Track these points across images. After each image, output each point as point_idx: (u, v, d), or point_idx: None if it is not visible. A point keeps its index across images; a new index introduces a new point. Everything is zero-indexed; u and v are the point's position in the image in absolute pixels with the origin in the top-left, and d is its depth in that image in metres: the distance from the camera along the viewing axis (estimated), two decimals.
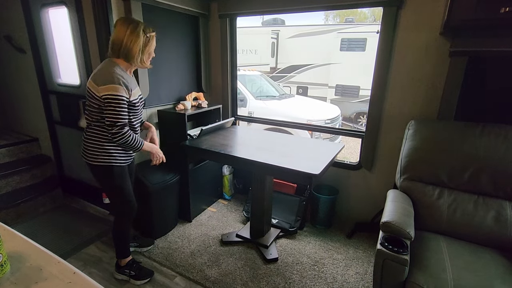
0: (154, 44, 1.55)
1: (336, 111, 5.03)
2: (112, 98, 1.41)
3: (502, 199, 1.60)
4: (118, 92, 1.41)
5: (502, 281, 1.27)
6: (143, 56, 1.51)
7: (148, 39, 1.50)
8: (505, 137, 1.60)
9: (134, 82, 1.59)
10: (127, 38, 1.44)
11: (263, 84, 5.48)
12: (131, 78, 1.57)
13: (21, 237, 0.91)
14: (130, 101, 1.50)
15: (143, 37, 1.47)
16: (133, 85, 1.54)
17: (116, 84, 1.41)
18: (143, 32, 1.47)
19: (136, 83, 1.63)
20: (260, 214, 2.15)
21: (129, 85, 1.48)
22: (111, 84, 1.40)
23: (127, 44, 1.45)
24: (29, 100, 2.80)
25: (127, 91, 1.46)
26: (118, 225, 1.76)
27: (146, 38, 1.48)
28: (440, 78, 1.88)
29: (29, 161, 2.72)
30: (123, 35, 1.44)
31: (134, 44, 1.46)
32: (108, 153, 1.55)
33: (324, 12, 13.97)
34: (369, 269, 1.98)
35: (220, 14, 2.58)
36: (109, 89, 1.40)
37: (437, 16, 1.79)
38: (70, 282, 0.74)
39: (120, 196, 1.68)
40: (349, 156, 5.24)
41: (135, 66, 1.55)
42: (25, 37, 2.56)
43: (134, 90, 1.53)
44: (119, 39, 1.45)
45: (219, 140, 2.09)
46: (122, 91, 1.43)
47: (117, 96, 1.42)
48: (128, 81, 1.48)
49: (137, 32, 1.45)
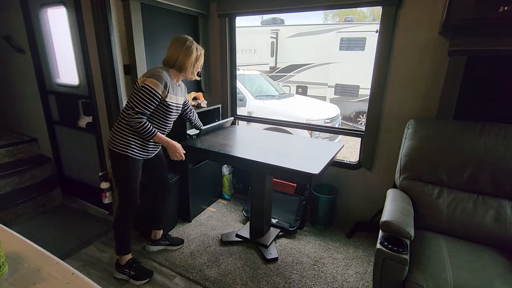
0: (202, 60, 1.76)
1: (336, 110, 5.03)
2: (147, 88, 1.55)
3: (502, 198, 1.60)
4: (155, 87, 1.55)
5: (502, 280, 1.27)
6: (193, 69, 1.71)
7: (199, 55, 1.70)
8: (505, 136, 1.60)
9: (178, 90, 1.75)
10: (183, 54, 1.65)
11: (262, 83, 5.48)
12: (177, 86, 1.74)
13: (19, 238, 0.91)
14: (163, 101, 1.63)
15: (195, 53, 1.67)
16: (174, 91, 1.70)
17: (158, 81, 1.56)
18: (196, 50, 1.68)
19: (182, 92, 1.81)
20: (259, 213, 2.15)
21: (170, 88, 1.64)
22: (154, 79, 1.56)
23: (182, 59, 1.65)
24: (28, 100, 2.80)
25: (164, 91, 1.60)
26: (118, 217, 1.79)
27: (197, 54, 1.69)
28: (439, 77, 1.88)
29: (28, 162, 2.71)
30: (179, 51, 1.65)
31: (188, 59, 1.66)
32: (127, 143, 1.64)
33: (323, 11, 13.96)
34: (369, 269, 1.98)
35: (219, 14, 2.57)
36: (150, 82, 1.55)
37: (436, 15, 1.79)
38: (68, 283, 0.74)
39: (126, 188, 1.74)
40: (349, 155, 5.24)
41: (184, 77, 1.74)
42: (24, 37, 2.56)
43: (174, 96, 1.70)
44: (175, 55, 1.65)
45: (219, 140, 2.09)
46: (159, 88, 1.57)
47: (152, 90, 1.55)
48: (171, 86, 1.65)
49: (191, 49, 1.66)
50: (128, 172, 1.70)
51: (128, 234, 1.84)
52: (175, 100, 1.71)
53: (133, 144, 1.65)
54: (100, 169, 2.39)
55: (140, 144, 1.68)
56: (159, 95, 1.58)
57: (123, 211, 1.78)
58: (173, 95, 1.68)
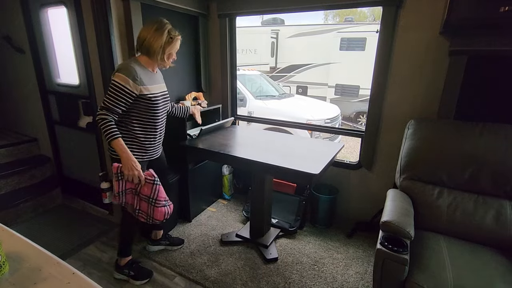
0: (176, 47, 1.61)
1: (336, 110, 5.03)
2: (114, 84, 1.46)
3: (502, 199, 1.60)
4: (121, 82, 1.45)
5: (502, 280, 1.27)
6: (163, 55, 1.57)
7: (172, 40, 1.56)
8: (505, 136, 1.60)
9: (155, 78, 1.63)
10: (151, 34, 1.51)
11: (262, 83, 5.48)
12: (152, 74, 1.62)
13: (20, 238, 0.91)
14: (140, 95, 1.52)
15: (166, 36, 1.53)
16: (150, 80, 1.58)
17: (124, 74, 1.46)
18: (167, 32, 1.54)
19: (158, 79, 1.67)
20: (259, 214, 2.15)
21: (143, 79, 1.52)
22: (120, 73, 1.46)
23: (150, 40, 1.52)
24: (29, 100, 2.80)
25: (135, 85, 1.48)
26: (126, 222, 1.78)
27: (169, 38, 1.54)
28: (439, 77, 1.88)
29: (29, 162, 2.71)
30: (148, 31, 1.52)
31: (156, 41, 1.52)
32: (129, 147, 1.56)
33: (323, 11, 13.96)
34: (369, 269, 1.98)
35: (219, 14, 2.57)
36: (117, 76, 1.46)
37: (437, 15, 1.79)
38: (69, 283, 0.74)
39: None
40: (349, 155, 5.23)
41: (157, 63, 1.61)
42: (24, 37, 2.55)
43: (151, 86, 1.57)
44: (143, 35, 1.53)
45: (219, 140, 2.09)
46: (126, 82, 1.46)
47: (120, 85, 1.45)
48: (143, 76, 1.52)
49: (161, 30, 1.52)
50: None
51: (133, 237, 1.84)
52: (155, 90, 1.59)
53: (131, 147, 1.57)
54: (100, 169, 2.39)
55: (138, 145, 1.61)
56: (129, 91, 1.47)
57: (130, 216, 1.74)
58: (150, 85, 1.56)
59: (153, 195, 1.59)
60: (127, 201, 1.64)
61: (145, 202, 1.61)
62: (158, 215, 1.60)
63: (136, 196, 1.63)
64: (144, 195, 1.60)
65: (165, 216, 1.62)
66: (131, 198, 1.64)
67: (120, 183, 1.56)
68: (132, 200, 1.64)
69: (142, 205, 1.62)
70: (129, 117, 1.57)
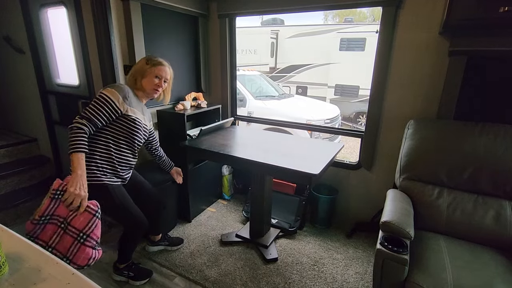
0: (154, 73, 1.59)
1: (336, 110, 5.03)
2: (102, 96, 1.43)
3: (502, 199, 1.60)
4: (111, 96, 1.43)
5: (502, 280, 1.27)
6: (142, 81, 1.59)
7: (149, 66, 1.58)
8: (504, 136, 1.60)
9: (145, 110, 1.68)
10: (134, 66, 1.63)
11: (262, 84, 5.48)
12: (142, 104, 1.66)
13: (20, 238, 0.91)
14: (125, 114, 1.50)
15: (144, 64, 1.59)
16: (138, 107, 1.60)
17: (116, 90, 1.46)
18: (146, 60, 1.60)
19: (148, 115, 1.71)
20: (259, 214, 2.15)
21: (132, 102, 1.53)
22: (111, 88, 1.46)
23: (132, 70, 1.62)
24: (28, 101, 2.80)
25: (123, 103, 1.47)
26: (125, 236, 1.73)
27: (146, 65, 1.59)
28: (439, 77, 1.88)
29: (28, 162, 2.71)
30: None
31: (134, 68, 1.61)
32: (101, 170, 1.49)
33: (323, 12, 13.97)
34: (369, 269, 1.98)
35: (219, 14, 2.57)
36: (106, 90, 1.45)
37: (436, 15, 1.79)
38: (69, 283, 0.73)
39: (127, 216, 1.61)
40: (349, 155, 5.24)
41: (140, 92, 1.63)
42: (24, 37, 2.56)
43: (137, 110, 1.57)
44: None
45: (219, 140, 2.09)
46: (115, 97, 1.44)
47: (107, 98, 1.42)
48: (133, 101, 1.55)
49: (141, 60, 1.62)
50: (118, 200, 1.54)
51: (134, 248, 1.81)
52: (140, 116, 1.57)
53: (105, 170, 1.50)
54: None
55: (112, 167, 1.52)
56: (116, 106, 1.43)
57: (132, 233, 1.70)
58: (137, 111, 1.56)
59: (87, 230, 1.25)
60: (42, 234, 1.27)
61: (70, 237, 1.25)
62: (82, 257, 1.23)
63: (59, 229, 1.27)
64: (74, 227, 1.25)
65: (89, 261, 1.24)
66: (51, 230, 1.28)
67: (52, 203, 1.28)
68: (50, 235, 1.27)
69: (63, 241, 1.25)
70: (108, 136, 1.50)
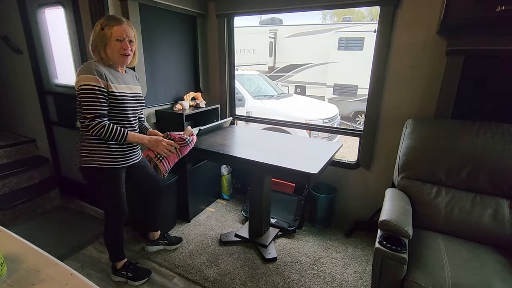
0: (114, 36, 1.40)
1: (334, 110, 5.04)
2: (83, 88, 1.36)
3: (500, 197, 1.61)
4: (88, 82, 1.36)
5: (500, 279, 1.28)
6: (106, 50, 1.43)
7: (105, 31, 1.40)
8: (502, 135, 1.61)
9: (124, 78, 1.53)
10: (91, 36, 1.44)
11: (261, 83, 5.48)
12: (119, 74, 1.52)
13: (18, 239, 0.90)
14: (109, 92, 1.42)
15: (99, 30, 1.41)
16: (118, 80, 1.48)
17: (87, 73, 1.36)
18: (100, 25, 1.41)
19: (128, 80, 1.56)
20: (258, 213, 2.15)
21: (108, 76, 1.42)
22: (83, 74, 1.37)
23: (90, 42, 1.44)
24: (26, 101, 2.79)
25: (103, 81, 1.39)
26: (108, 229, 1.73)
27: (102, 30, 1.41)
28: (437, 76, 1.88)
29: (27, 162, 2.70)
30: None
31: (92, 38, 1.43)
32: (92, 153, 1.48)
33: (321, 11, 13.96)
34: (367, 268, 1.98)
35: (217, 14, 2.57)
36: (81, 78, 1.37)
37: (434, 15, 1.80)
38: (67, 284, 0.73)
39: (109, 203, 1.64)
40: (347, 155, 5.24)
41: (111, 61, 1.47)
42: (22, 37, 2.55)
43: (118, 85, 1.47)
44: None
45: (217, 140, 2.09)
46: (93, 80, 1.36)
47: (88, 86, 1.35)
48: (108, 74, 1.43)
49: (95, 27, 1.42)
50: (106, 183, 1.56)
51: (120, 242, 1.78)
52: (124, 90, 1.48)
53: (100, 152, 1.48)
54: None
55: (107, 150, 1.50)
56: (100, 88, 1.37)
57: (111, 223, 1.70)
58: (118, 84, 1.46)
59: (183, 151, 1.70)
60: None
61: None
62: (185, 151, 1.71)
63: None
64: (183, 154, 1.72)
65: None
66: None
67: (164, 162, 1.63)
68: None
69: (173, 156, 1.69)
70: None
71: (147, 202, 1.97)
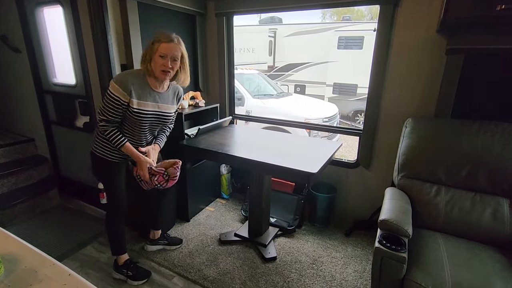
0: (158, 52, 1.47)
1: (334, 109, 5.04)
2: (108, 93, 1.49)
3: (499, 196, 1.61)
4: (114, 91, 1.47)
5: (499, 278, 1.28)
6: (152, 64, 1.51)
7: (153, 45, 1.49)
8: (502, 134, 1.60)
9: (155, 96, 1.58)
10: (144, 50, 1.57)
11: (260, 82, 5.47)
12: (152, 91, 1.57)
13: (16, 239, 0.90)
14: (129, 105, 1.50)
15: (150, 44, 1.52)
16: (147, 97, 1.54)
17: (117, 84, 1.46)
18: (153, 39, 1.52)
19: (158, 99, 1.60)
20: (258, 213, 2.15)
21: (135, 92, 1.49)
22: (114, 83, 1.48)
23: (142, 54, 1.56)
24: (25, 100, 2.78)
25: (126, 95, 1.47)
26: (108, 221, 1.79)
27: (152, 45, 1.51)
28: (437, 75, 1.88)
29: (25, 162, 2.69)
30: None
31: (144, 52, 1.55)
32: (100, 145, 1.61)
33: (321, 10, 13.97)
34: (367, 267, 1.98)
35: (217, 13, 2.56)
36: (111, 85, 1.48)
37: (434, 13, 1.79)
38: (65, 284, 0.73)
39: (109, 189, 1.75)
40: (347, 154, 5.24)
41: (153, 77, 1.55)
42: (20, 36, 2.54)
43: (143, 101, 1.53)
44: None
45: (217, 139, 2.09)
46: (116, 90, 1.46)
47: (112, 94, 1.47)
48: (137, 89, 1.50)
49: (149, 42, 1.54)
50: (106, 173, 1.69)
51: (121, 234, 1.82)
52: (145, 108, 1.54)
53: (105, 146, 1.60)
54: None
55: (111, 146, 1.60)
56: (120, 100, 1.46)
57: (110, 212, 1.79)
58: (142, 101, 1.52)
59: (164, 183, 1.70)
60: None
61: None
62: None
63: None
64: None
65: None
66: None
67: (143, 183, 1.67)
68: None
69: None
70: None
71: (153, 200, 1.99)
